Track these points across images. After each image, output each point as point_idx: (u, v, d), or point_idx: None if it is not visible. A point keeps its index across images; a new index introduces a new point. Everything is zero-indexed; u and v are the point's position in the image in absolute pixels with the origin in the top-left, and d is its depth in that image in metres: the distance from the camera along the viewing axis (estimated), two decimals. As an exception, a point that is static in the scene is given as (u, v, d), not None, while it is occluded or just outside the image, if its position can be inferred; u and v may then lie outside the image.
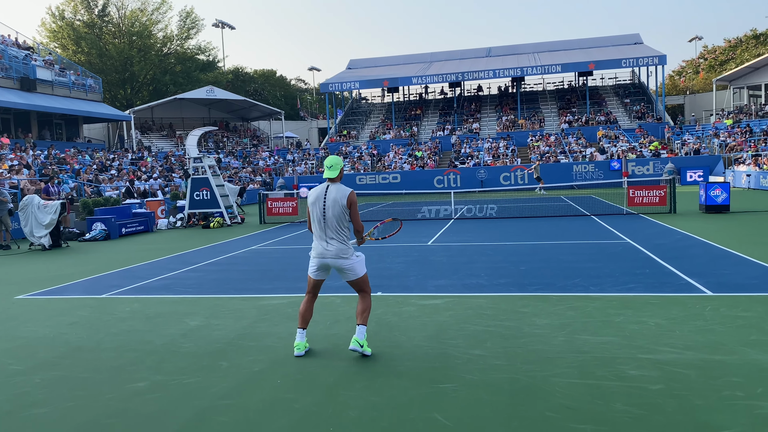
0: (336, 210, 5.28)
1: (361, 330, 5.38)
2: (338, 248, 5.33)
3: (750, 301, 6.87)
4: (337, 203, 5.27)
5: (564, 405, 4.16)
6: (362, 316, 5.40)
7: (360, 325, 5.39)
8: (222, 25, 62.78)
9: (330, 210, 5.29)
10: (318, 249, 5.40)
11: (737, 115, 41.71)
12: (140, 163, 35.05)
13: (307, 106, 73.83)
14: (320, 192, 5.38)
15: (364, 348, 5.37)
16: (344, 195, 5.28)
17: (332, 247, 5.33)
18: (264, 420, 4.13)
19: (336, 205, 5.27)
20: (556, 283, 8.34)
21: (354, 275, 5.41)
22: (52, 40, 53.01)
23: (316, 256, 5.42)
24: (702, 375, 4.61)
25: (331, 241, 5.33)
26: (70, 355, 5.89)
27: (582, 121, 43.91)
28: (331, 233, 5.32)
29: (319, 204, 5.34)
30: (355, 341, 5.35)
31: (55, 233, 15.69)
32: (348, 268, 5.37)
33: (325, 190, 5.35)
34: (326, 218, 5.31)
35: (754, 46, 57.72)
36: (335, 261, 5.34)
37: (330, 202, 5.28)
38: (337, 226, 5.31)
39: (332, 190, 5.33)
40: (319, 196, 5.36)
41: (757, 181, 27.95)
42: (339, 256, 5.33)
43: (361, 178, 38.03)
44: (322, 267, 5.45)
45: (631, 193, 18.75)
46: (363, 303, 5.46)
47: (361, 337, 5.36)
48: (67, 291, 9.41)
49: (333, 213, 5.28)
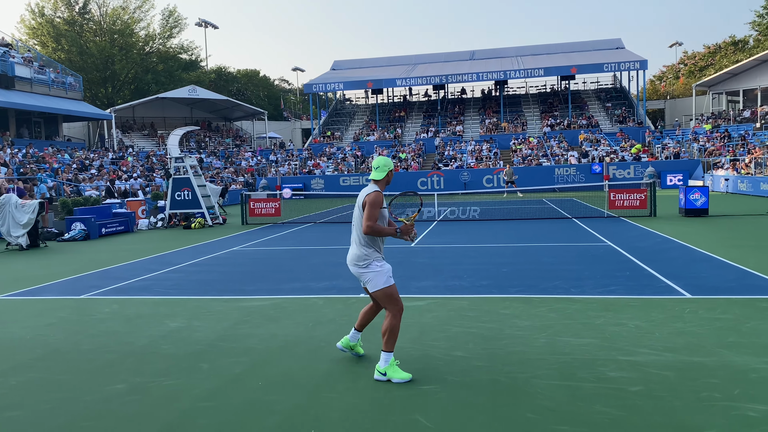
0: (357, 211, 4.87)
1: (383, 357, 4.79)
2: (356, 254, 4.89)
3: (728, 303, 6.97)
4: (359, 204, 4.86)
5: (544, 406, 4.19)
6: (384, 340, 4.79)
7: (383, 351, 4.80)
8: (205, 24, 62.41)
9: (356, 210, 4.89)
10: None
11: (716, 120, 42.34)
12: (121, 162, 34.69)
13: (290, 107, 73.57)
14: (362, 193, 4.91)
15: (390, 375, 4.74)
16: (366, 194, 4.80)
17: (351, 252, 4.96)
18: (245, 422, 4.10)
19: (358, 206, 4.86)
20: (537, 285, 8.39)
21: (372, 287, 4.85)
22: (32, 37, 52.30)
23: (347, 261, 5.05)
24: (680, 376, 4.67)
25: (352, 246, 4.95)
26: (47, 356, 5.81)
27: (564, 125, 44.27)
28: (353, 237, 4.95)
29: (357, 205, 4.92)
30: (377, 370, 4.83)
31: (33, 233, 15.46)
32: (365, 279, 4.88)
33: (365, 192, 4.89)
34: (354, 219, 4.93)
35: (733, 52, 58.63)
36: (353, 269, 4.94)
37: (357, 203, 4.90)
38: (358, 230, 4.87)
39: (365, 190, 4.88)
40: (360, 197, 4.90)
41: (735, 185, 28.38)
42: (355, 263, 4.90)
43: (345, 180, 37.99)
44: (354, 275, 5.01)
45: (612, 196, 18.94)
46: (387, 323, 4.81)
47: (382, 364, 4.79)
48: (45, 292, 9.27)
49: (356, 214, 4.89)
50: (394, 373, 4.73)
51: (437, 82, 46.98)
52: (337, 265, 10.68)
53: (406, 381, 4.69)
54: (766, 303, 6.91)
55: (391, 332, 4.76)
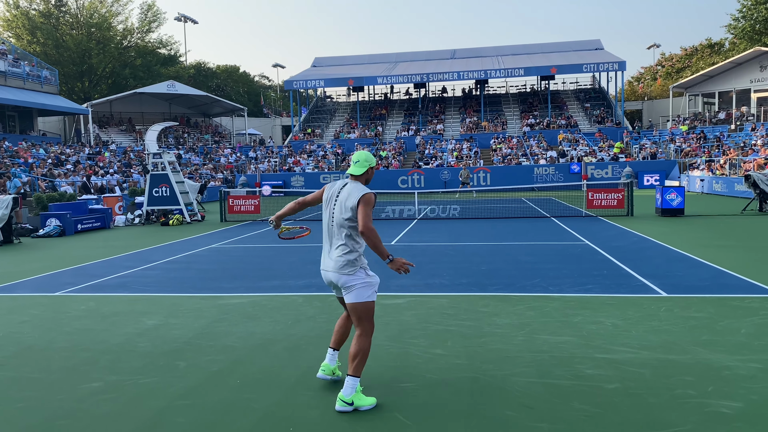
0: (343, 213, 4.27)
1: (349, 383, 4.18)
2: (341, 261, 4.25)
3: (702, 302, 7.08)
4: (346, 205, 4.26)
5: (522, 404, 4.21)
6: (353, 363, 4.19)
7: (350, 375, 4.19)
8: (184, 18, 61.71)
9: (338, 212, 4.31)
10: (322, 260, 4.45)
11: (692, 121, 42.98)
12: (98, 158, 34.21)
13: (270, 103, 73.16)
14: (334, 189, 4.43)
15: (358, 404, 4.17)
16: (359, 194, 4.23)
17: (333, 257, 4.31)
18: (223, 420, 4.07)
19: (344, 207, 4.27)
20: (516, 283, 8.45)
21: (355, 297, 4.22)
22: (6, 29, 51.31)
23: (321, 268, 4.44)
24: (656, 374, 4.73)
25: (333, 251, 4.32)
26: (20, 354, 5.70)
27: (543, 125, 44.62)
28: (335, 241, 4.32)
29: (330, 204, 4.40)
30: (339, 400, 4.16)
31: (7, 229, 15.18)
32: (349, 286, 4.24)
33: (340, 188, 4.39)
34: (333, 221, 4.33)
35: (709, 55, 59.57)
36: (337, 276, 4.26)
37: (339, 203, 4.32)
38: (343, 233, 4.28)
39: (347, 188, 4.35)
40: (333, 194, 4.41)
41: (710, 185, 28.84)
42: (340, 271, 4.25)
43: (326, 177, 37.87)
44: (329, 284, 4.40)
45: (590, 195, 19.13)
46: (357, 344, 4.22)
47: (347, 392, 4.16)
48: (18, 288, 9.11)
49: (341, 215, 4.28)
50: (360, 400, 4.19)
51: (418, 81, 47.07)
52: (316, 263, 10.61)
53: (373, 406, 4.22)
54: (740, 302, 7.03)
55: (363, 354, 4.20)
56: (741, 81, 42.36)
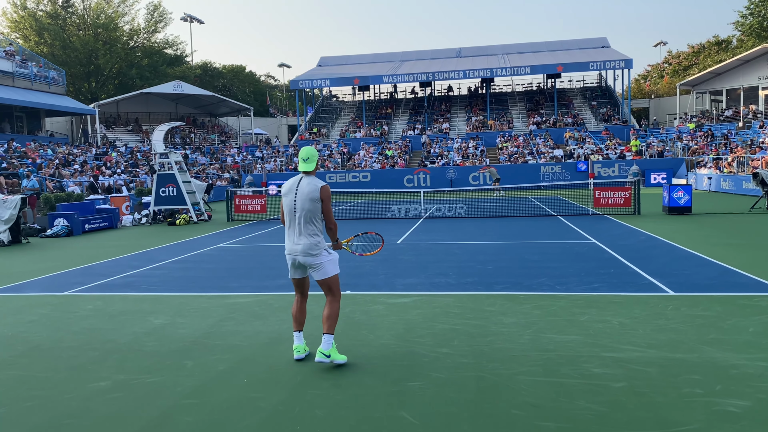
0: (307, 204, 5.02)
1: (326, 339, 5.02)
2: (308, 244, 5.04)
3: (709, 300, 7.05)
4: (308, 197, 5.02)
5: (529, 402, 4.21)
6: (328, 323, 5.06)
7: (326, 333, 5.04)
8: (190, 19, 61.88)
9: (300, 203, 5.03)
10: (288, 245, 5.16)
11: (700, 119, 42.77)
12: (105, 158, 34.35)
13: (276, 103, 73.25)
14: (293, 184, 5.14)
15: (333, 357, 5.02)
16: (316, 189, 5.02)
17: (302, 242, 5.05)
18: (229, 419, 4.08)
19: (307, 198, 5.02)
20: (522, 282, 8.43)
21: (323, 274, 5.09)
22: (14, 30, 51.59)
23: (288, 252, 5.17)
24: (663, 373, 4.71)
25: (301, 237, 5.06)
26: (28, 353, 5.74)
27: (550, 123, 44.49)
28: (302, 228, 5.06)
29: (291, 196, 5.11)
30: (319, 353, 5.01)
31: (15, 229, 15.27)
32: (317, 265, 5.07)
33: (298, 182, 5.11)
34: (296, 211, 5.05)
35: (716, 52, 59.21)
36: (305, 258, 5.06)
37: (301, 195, 5.04)
38: (308, 221, 5.05)
39: (305, 182, 5.08)
40: (292, 188, 5.12)
41: (717, 183, 28.70)
42: (308, 252, 5.04)
43: (331, 176, 37.92)
44: (295, 264, 5.18)
45: (596, 194, 19.06)
46: (330, 308, 5.12)
47: (326, 347, 5.00)
48: (27, 288, 9.16)
49: (304, 206, 5.02)
50: (335, 355, 5.04)
51: (424, 80, 47.03)
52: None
53: (344, 362, 5.08)
54: (747, 300, 6.99)
55: (336, 315, 5.11)
56: (749, 78, 42.11)
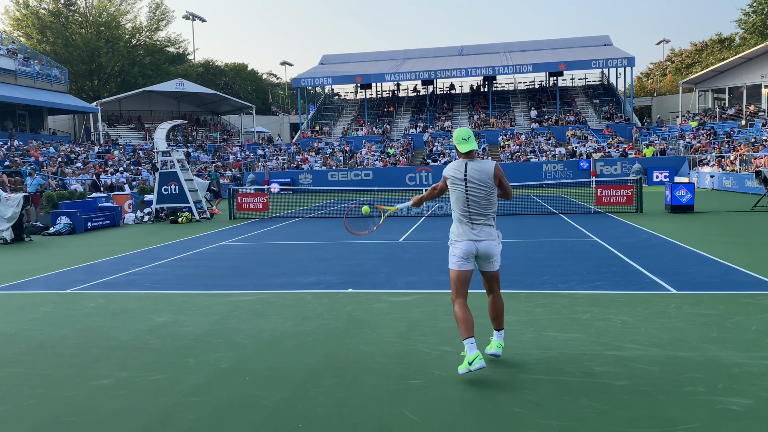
0: (483, 189, 4.70)
1: (502, 335, 5.02)
2: (491, 232, 4.76)
3: (712, 298, 7.04)
4: (483, 181, 4.68)
5: (531, 401, 4.21)
6: (501, 320, 5.01)
7: (501, 330, 5.01)
8: (193, 17, 61.91)
9: (476, 189, 4.70)
10: (467, 234, 4.75)
11: (702, 117, 42.69)
12: (107, 156, 34.39)
13: (278, 101, 73.26)
14: (458, 170, 4.76)
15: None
16: (490, 171, 4.69)
17: (485, 232, 4.74)
18: (232, 417, 4.09)
19: (483, 183, 4.69)
20: (524, 280, 8.43)
21: (496, 265, 4.88)
22: (16, 28, 51.63)
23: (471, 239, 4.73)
24: (665, 371, 4.71)
25: (482, 226, 4.75)
26: (31, 351, 5.75)
27: (552, 121, 44.44)
28: (485, 215, 4.75)
29: (461, 186, 4.74)
30: (498, 345, 4.94)
31: (18, 227, 15.30)
32: (495, 254, 4.81)
33: (465, 168, 4.73)
34: (471, 199, 4.72)
35: (719, 50, 59.06)
36: (491, 246, 4.75)
37: (475, 181, 4.69)
38: (485, 207, 4.73)
39: (472, 167, 4.72)
40: (459, 175, 4.75)
41: (720, 182, 28.65)
42: (493, 240, 4.77)
43: (333, 175, 37.93)
44: (473, 255, 4.77)
45: (599, 192, 19.04)
46: (500, 302, 5.00)
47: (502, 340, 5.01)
48: (29, 286, 9.18)
49: (480, 192, 4.70)
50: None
51: (426, 78, 46.97)
52: (324, 260, 10.66)
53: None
54: (750, 298, 6.98)
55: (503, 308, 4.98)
56: (752, 76, 42.01)
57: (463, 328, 4.60)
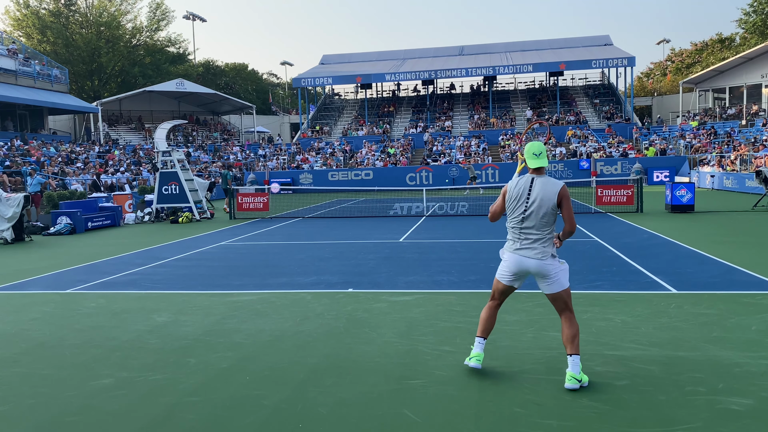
0: (544, 207, 4.51)
1: (575, 362, 4.46)
2: (542, 251, 4.56)
3: (712, 298, 7.04)
4: (546, 200, 4.51)
5: (531, 400, 4.21)
6: (573, 344, 4.50)
7: (573, 355, 4.47)
8: (193, 17, 61.88)
9: (537, 206, 4.53)
10: (516, 250, 4.68)
11: (702, 117, 42.67)
12: (107, 156, 34.39)
13: (278, 101, 73.26)
14: (524, 185, 4.61)
15: (583, 381, 4.45)
16: (555, 190, 4.51)
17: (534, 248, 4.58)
18: (232, 417, 4.09)
19: (545, 202, 4.51)
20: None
21: (559, 286, 4.57)
22: (16, 28, 51.62)
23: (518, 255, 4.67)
24: (665, 371, 4.71)
25: (534, 244, 4.58)
26: (31, 351, 5.75)
27: (552, 121, 44.42)
28: (535, 233, 4.57)
29: (522, 199, 4.59)
30: (572, 378, 4.41)
31: (18, 227, 15.31)
32: (553, 275, 4.55)
33: (530, 184, 4.59)
34: (528, 215, 4.57)
35: (719, 50, 59.03)
36: (538, 264, 4.57)
37: (538, 198, 4.52)
38: (542, 225, 4.55)
39: (539, 183, 4.57)
40: (524, 190, 4.60)
41: (720, 181, 28.64)
42: (542, 260, 4.55)
43: (333, 175, 37.92)
44: (520, 272, 4.71)
45: (599, 192, 19.03)
46: (572, 326, 4.55)
47: (576, 371, 4.43)
48: (30, 286, 9.18)
49: (540, 212, 4.53)
50: (584, 377, 4.48)
51: (426, 78, 46.92)
52: (324, 260, 10.67)
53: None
54: (750, 298, 6.98)
55: (578, 332, 4.56)
56: (752, 76, 41.99)
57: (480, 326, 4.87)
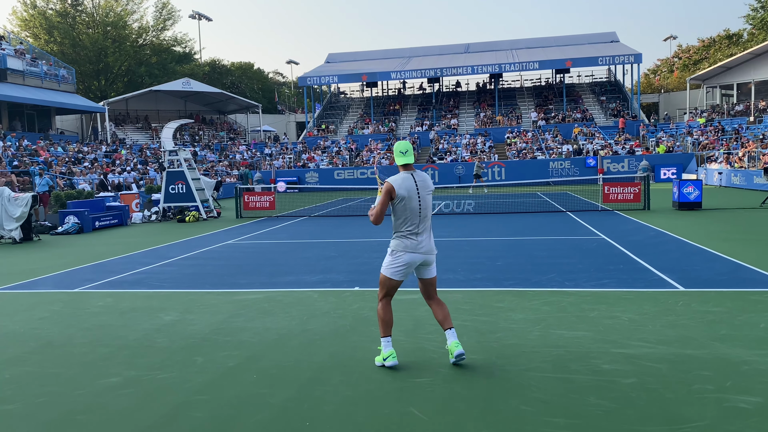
0: (429, 200, 4.91)
1: (454, 332, 4.96)
2: (431, 242, 4.95)
3: (720, 296, 7.01)
4: (429, 193, 4.92)
5: (538, 399, 4.20)
6: (449, 319, 4.98)
7: (452, 328, 4.95)
8: (199, 16, 61.99)
9: (425, 201, 4.88)
10: (413, 245, 4.87)
11: (710, 113, 42.44)
12: (114, 155, 34.52)
13: (284, 100, 73.31)
14: (409, 183, 4.85)
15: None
16: (431, 181, 5.00)
17: (426, 240, 4.91)
18: (239, 415, 4.10)
19: (429, 194, 4.93)
20: (531, 278, 8.41)
21: (434, 270, 5.05)
22: (24, 29, 51.89)
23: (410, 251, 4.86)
24: (673, 369, 4.69)
25: (429, 235, 4.94)
26: (40, 350, 5.79)
27: (559, 118, 44.29)
28: (425, 226, 4.91)
29: (414, 196, 4.84)
30: (458, 345, 4.86)
31: (26, 226, 15.39)
32: (433, 263, 5.01)
33: (414, 180, 4.88)
34: (422, 210, 4.87)
35: (727, 46, 58.69)
36: (430, 256, 4.93)
37: (424, 192, 4.88)
38: (428, 217, 4.93)
39: (420, 177, 4.91)
40: (411, 187, 4.85)
41: (728, 178, 28.49)
42: (432, 250, 4.95)
43: (339, 173, 37.93)
44: (412, 264, 4.91)
45: (606, 189, 18.97)
46: (444, 305, 5.04)
47: (457, 339, 4.93)
48: (38, 285, 9.24)
49: (427, 203, 4.90)
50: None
51: (432, 76, 46.90)
52: (330, 259, 10.67)
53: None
54: (759, 296, 6.95)
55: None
56: (760, 72, 41.72)
57: (383, 328, 4.99)
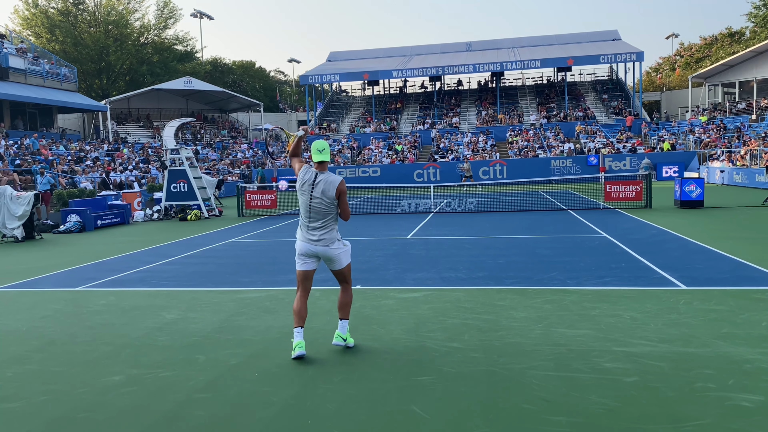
0: (325, 200, 5.13)
1: (343, 325, 5.41)
2: (330, 237, 5.21)
3: (722, 294, 7.00)
4: (326, 193, 5.12)
5: (540, 397, 4.20)
6: (344, 311, 5.42)
7: (343, 319, 5.42)
8: (200, 15, 61.98)
9: (319, 198, 5.14)
10: (305, 236, 5.26)
11: (712, 112, 42.35)
12: (116, 154, 34.55)
13: (286, 98, 73.32)
14: (308, 178, 5.21)
15: (348, 341, 5.41)
16: (334, 185, 5.12)
17: (318, 234, 5.19)
18: (241, 413, 4.11)
19: (325, 194, 5.12)
20: (533, 276, 8.41)
21: (339, 265, 5.30)
22: (26, 27, 51.91)
23: (303, 243, 5.27)
24: (675, 367, 4.69)
25: (319, 231, 5.19)
26: (42, 348, 5.80)
27: (560, 117, 44.24)
28: (318, 222, 5.18)
29: (306, 191, 5.20)
30: (338, 336, 5.38)
31: (29, 225, 15.41)
32: (335, 257, 5.25)
33: (314, 178, 5.18)
34: (312, 206, 5.17)
35: (729, 44, 58.56)
36: (324, 250, 5.21)
37: (319, 191, 5.13)
38: (324, 214, 5.17)
39: (321, 178, 5.17)
40: (307, 182, 5.20)
41: (730, 177, 28.44)
42: (329, 245, 5.21)
43: (341, 172, 37.90)
44: (310, 256, 5.26)
45: (607, 188, 18.95)
46: (345, 296, 5.43)
47: (343, 331, 5.39)
48: (40, 284, 9.25)
49: (322, 202, 5.14)
50: (350, 338, 5.47)
51: (433, 74, 46.86)
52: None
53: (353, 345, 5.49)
54: (761, 294, 6.94)
55: (350, 303, 5.46)
56: (762, 70, 41.62)
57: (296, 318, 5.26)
